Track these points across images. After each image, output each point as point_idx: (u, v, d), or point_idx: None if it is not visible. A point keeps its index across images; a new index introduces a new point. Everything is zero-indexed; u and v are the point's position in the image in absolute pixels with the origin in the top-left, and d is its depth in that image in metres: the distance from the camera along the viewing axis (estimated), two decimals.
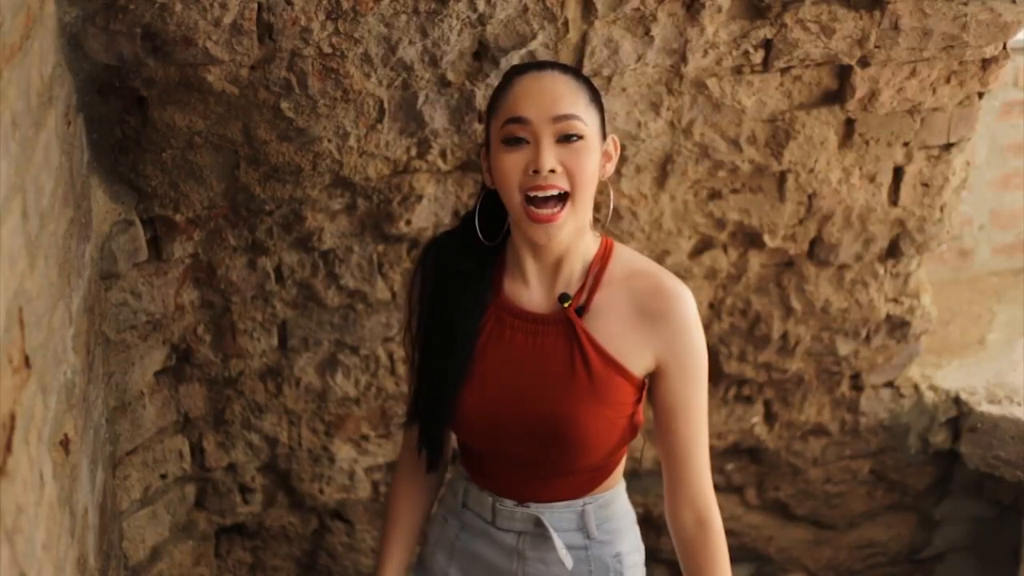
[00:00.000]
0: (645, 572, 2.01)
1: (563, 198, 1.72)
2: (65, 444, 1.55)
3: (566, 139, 1.71)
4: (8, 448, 1.14)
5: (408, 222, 2.39)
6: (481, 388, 1.82)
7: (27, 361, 1.26)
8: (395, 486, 2.05)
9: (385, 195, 2.34)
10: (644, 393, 1.86)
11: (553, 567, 1.92)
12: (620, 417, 1.82)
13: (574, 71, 1.80)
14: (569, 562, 1.89)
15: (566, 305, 1.81)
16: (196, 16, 1.87)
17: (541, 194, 1.71)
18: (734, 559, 1.91)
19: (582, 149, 1.72)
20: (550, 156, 1.70)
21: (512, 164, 1.72)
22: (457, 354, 1.83)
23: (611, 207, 2.02)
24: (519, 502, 1.90)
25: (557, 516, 1.90)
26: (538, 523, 1.90)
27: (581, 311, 1.81)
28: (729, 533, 1.90)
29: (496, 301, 1.84)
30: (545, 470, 1.86)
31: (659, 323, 1.79)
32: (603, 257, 1.83)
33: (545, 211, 1.72)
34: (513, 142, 1.72)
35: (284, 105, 2.08)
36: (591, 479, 1.89)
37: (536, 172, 1.70)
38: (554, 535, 1.89)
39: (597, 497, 1.91)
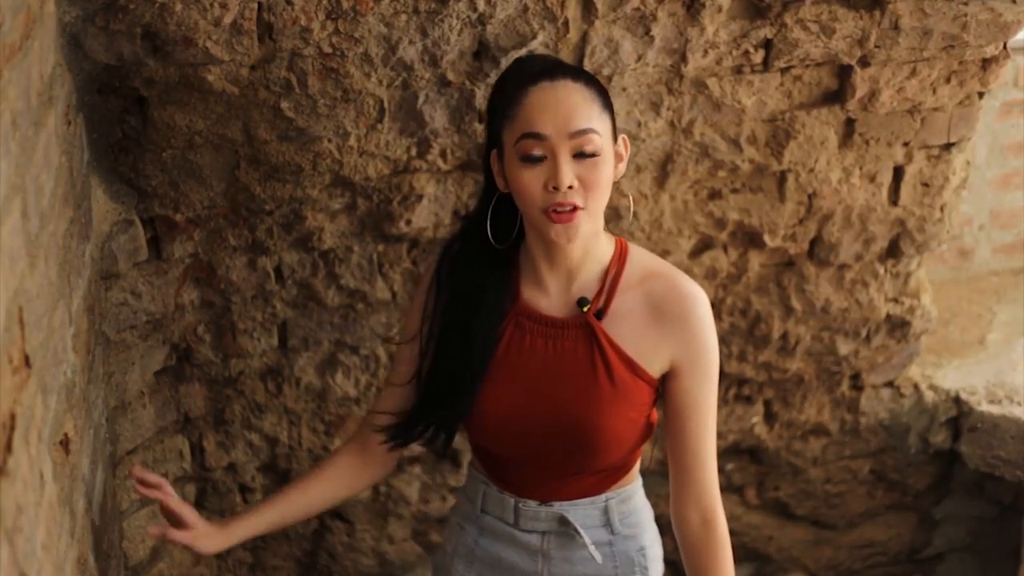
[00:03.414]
0: (663, 566, 2.02)
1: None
2: (65, 444, 1.55)
3: (582, 155, 1.71)
4: (8, 448, 1.14)
5: (408, 222, 2.39)
6: (504, 393, 1.83)
7: (27, 361, 1.26)
8: (334, 455, 2.00)
9: (385, 195, 2.34)
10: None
11: (578, 566, 1.92)
12: (640, 417, 1.84)
13: (584, 75, 1.78)
14: (599, 557, 1.90)
15: (585, 309, 1.82)
16: (196, 16, 1.87)
17: (560, 209, 1.72)
18: (735, 559, 1.91)
19: (598, 163, 1.72)
20: (568, 173, 1.70)
21: (531, 181, 1.72)
22: (475, 359, 1.83)
23: (631, 210, 1.99)
24: (542, 501, 1.91)
25: (581, 513, 1.90)
26: (563, 521, 1.90)
27: (600, 314, 1.82)
28: (729, 533, 1.90)
29: (515, 307, 1.85)
30: (568, 470, 1.87)
31: (675, 325, 1.81)
32: (620, 260, 1.84)
33: (564, 214, 1.73)
34: (530, 158, 1.72)
35: (284, 105, 2.08)
36: (613, 476, 1.91)
37: (555, 189, 1.71)
38: (582, 531, 1.89)
39: (618, 492, 1.92)
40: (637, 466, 1.96)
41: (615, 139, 1.78)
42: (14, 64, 1.30)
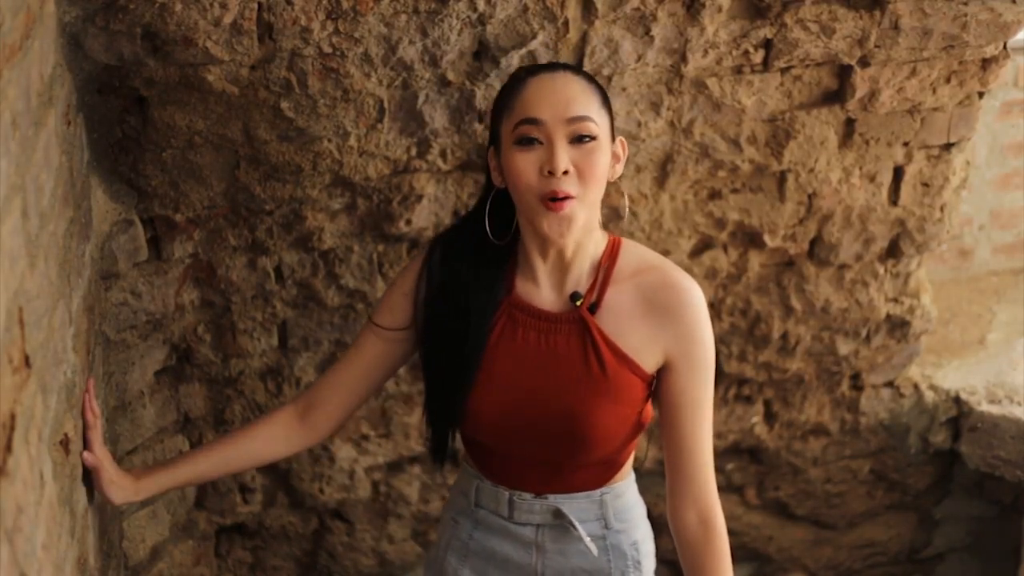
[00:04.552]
0: (655, 562, 2.02)
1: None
2: (65, 444, 1.55)
3: (579, 140, 1.72)
4: (8, 448, 1.14)
5: (408, 222, 2.39)
6: (496, 387, 1.83)
7: (27, 361, 1.26)
8: (270, 417, 1.95)
9: (385, 195, 2.34)
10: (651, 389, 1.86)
11: (572, 559, 1.92)
12: (632, 413, 1.84)
13: (585, 73, 1.80)
14: (595, 550, 1.90)
15: (578, 303, 1.81)
16: (196, 16, 1.87)
17: (555, 197, 1.72)
18: (734, 559, 1.91)
19: (595, 150, 1.73)
20: (564, 157, 1.71)
21: (526, 165, 1.73)
22: (469, 352, 1.83)
23: (625, 212, 2.00)
24: (537, 494, 1.91)
25: (576, 506, 1.90)
26: (557, 514, 1.90)
27: (593, 309, 1.81)
28: (729, 533, 1.90)
29: (508, 299, 1.85)
30: (559, 464, 1.87)
31: (668, 318, 1.80)
32: (612, 254, 1.84)
33: (558, 202, 1.72)
34: (526, 142, 1.73)
35: (284, 105, 2.08)
36: (606, 471, 1.90)
37: (551, 173, 1.71)
38: (577, 524, 1.89)
39: (613, 487, 1.92)
40: (631, 462, 1.96)
41: (613, 139, 1.79)
42: (14, 64, 1.30)
